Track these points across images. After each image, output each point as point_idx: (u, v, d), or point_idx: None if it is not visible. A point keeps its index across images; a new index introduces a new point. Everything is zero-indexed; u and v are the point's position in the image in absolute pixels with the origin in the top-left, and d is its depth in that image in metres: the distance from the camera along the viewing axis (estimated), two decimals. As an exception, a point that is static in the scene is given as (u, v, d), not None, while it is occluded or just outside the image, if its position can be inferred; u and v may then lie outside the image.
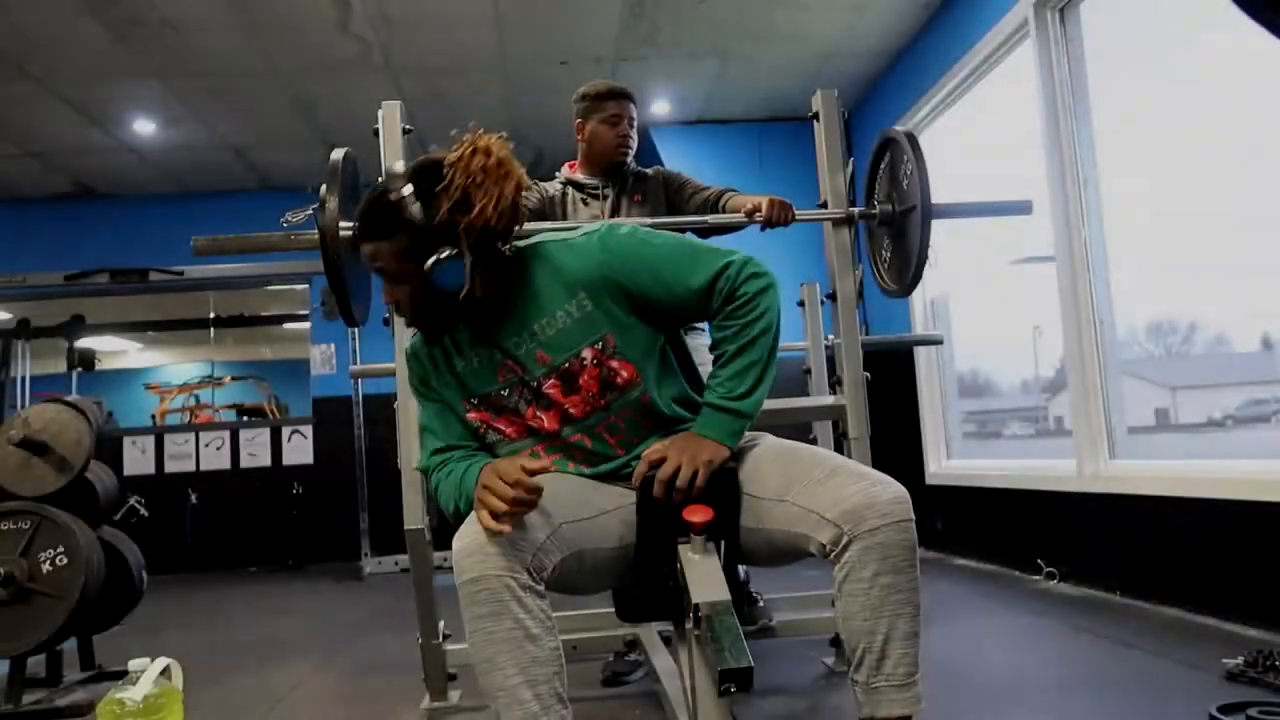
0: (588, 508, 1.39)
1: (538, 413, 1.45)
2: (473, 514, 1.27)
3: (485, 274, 1.40)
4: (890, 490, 1.28)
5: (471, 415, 1.48)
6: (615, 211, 2.49)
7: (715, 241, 1.68)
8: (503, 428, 1.47)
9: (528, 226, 2.22)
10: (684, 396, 1.49)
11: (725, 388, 1.40)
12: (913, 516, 1.27)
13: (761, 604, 2.60)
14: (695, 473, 1.33)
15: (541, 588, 1.25)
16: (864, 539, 1.25)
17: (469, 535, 1.24)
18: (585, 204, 2.52)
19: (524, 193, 1.55)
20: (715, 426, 1.39)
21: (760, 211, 2.20)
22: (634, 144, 2.56)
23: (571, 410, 1.43)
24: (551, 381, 1.42)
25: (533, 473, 1.24)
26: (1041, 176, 3.38)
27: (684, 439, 1.39)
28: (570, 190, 2.55)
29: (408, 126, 2.18)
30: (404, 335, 2.11)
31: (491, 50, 4.42)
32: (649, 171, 2.60)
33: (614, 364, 1.42)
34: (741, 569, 2.47)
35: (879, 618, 1.25)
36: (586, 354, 1.41)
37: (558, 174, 2.60)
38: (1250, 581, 2.51)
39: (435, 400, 1.51)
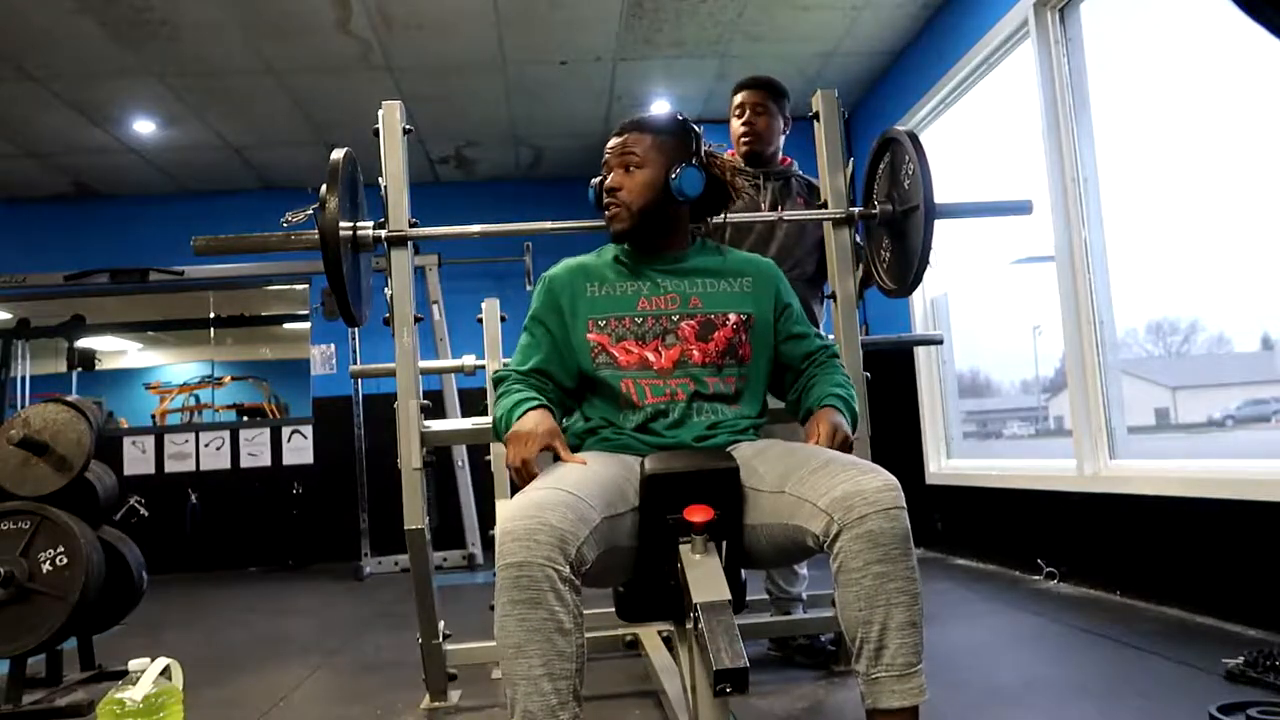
0: (623, 501, 1.41)
1: (660, 348, 1.61)
2: (523, 496, 1.31)
3: (690, 217, 1.73)
4: (878, 479, 1.29)
5: (591, 336, 1.62)
6: (776, 206, 2.58)
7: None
8: (617, 355, 1.61)
9: None
10: (758, 417, 1.67)
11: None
12: (902, 505, 1.28)
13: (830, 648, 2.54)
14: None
15: (579, 582, 1.25)
16: (853, 528, 1.26)
17: (518, 519, 1.24)
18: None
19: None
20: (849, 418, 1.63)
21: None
22: (764, 132, 2.60)
23: (694, 354, 1.61)
24: (691, 323, 1.62)
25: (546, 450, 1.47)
26: (1042, 176, 3.38)
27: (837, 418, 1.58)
28: None
29: (408, 126, 2.18)
30: (404, 335, 2.11)
31: (491, 50, 4.42)
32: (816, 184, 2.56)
33: (745, 338, 1.64)
34: (823, 637, 2.48)
35: (874, 608, 1.25)
36: (732, 317, 1.65)
37: None
38: (1250, 581, 2.51)
39: (540, 331, 1.68)
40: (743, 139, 2.60)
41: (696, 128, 1.70)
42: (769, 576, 2.64)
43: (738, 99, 2.64)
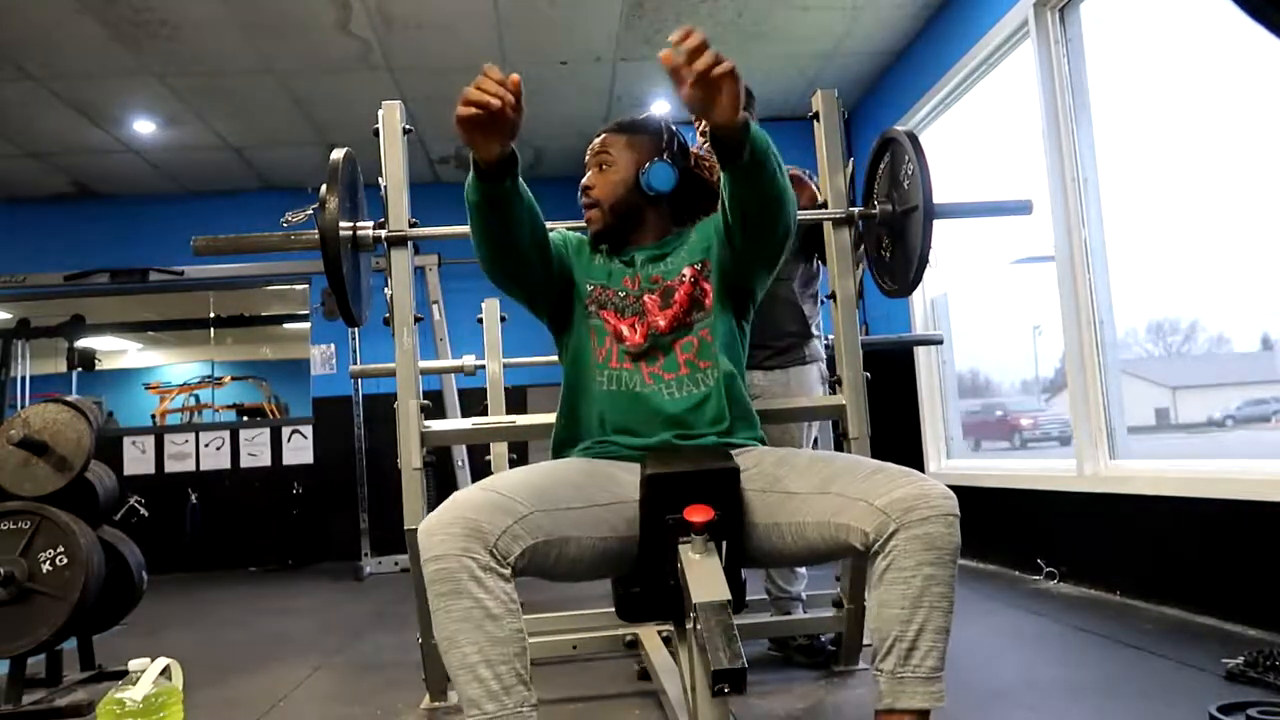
0: (579, 497, 1.42)
1: (636, 324, 1.64)
2: (446, 500, 1.31)
3: (668, 211, 1.75)
4: (940, 487, 1.32)
5: (590, 287, 1.70)
6: None
7: None
8: (608, 318, 1.67)
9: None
10: (737, 379, 1.65)
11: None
12: (959, 514, 1.30)
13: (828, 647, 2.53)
14: (723, 69, 1.30)
15: (506, 571, 1.27)
16: (913, 528, 1.27)
17: (434, 517, 1.28)
18: None
19: None
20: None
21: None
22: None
23: (659, 323, 1.63)
24: (653, 296, 1.66)
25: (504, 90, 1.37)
26: (1042, 176, 3.38)
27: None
28: None
29: (408, 126, 2.18)
30: (404, 335, 2.11)
31: (491, 50, 4.42)
32: None
33: (705, 285, 1.66)
34: (823, 636, 2.47)
35: (917, 608, 1.27)
36: (686, 272, 1.66)
37: None
38: (1250, 581, 2.51)
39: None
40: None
41: (672, 127, 1.76)
42: (768, 576, 2.64)
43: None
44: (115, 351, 9.45)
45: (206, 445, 6.13)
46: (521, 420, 2.25)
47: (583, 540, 1.40)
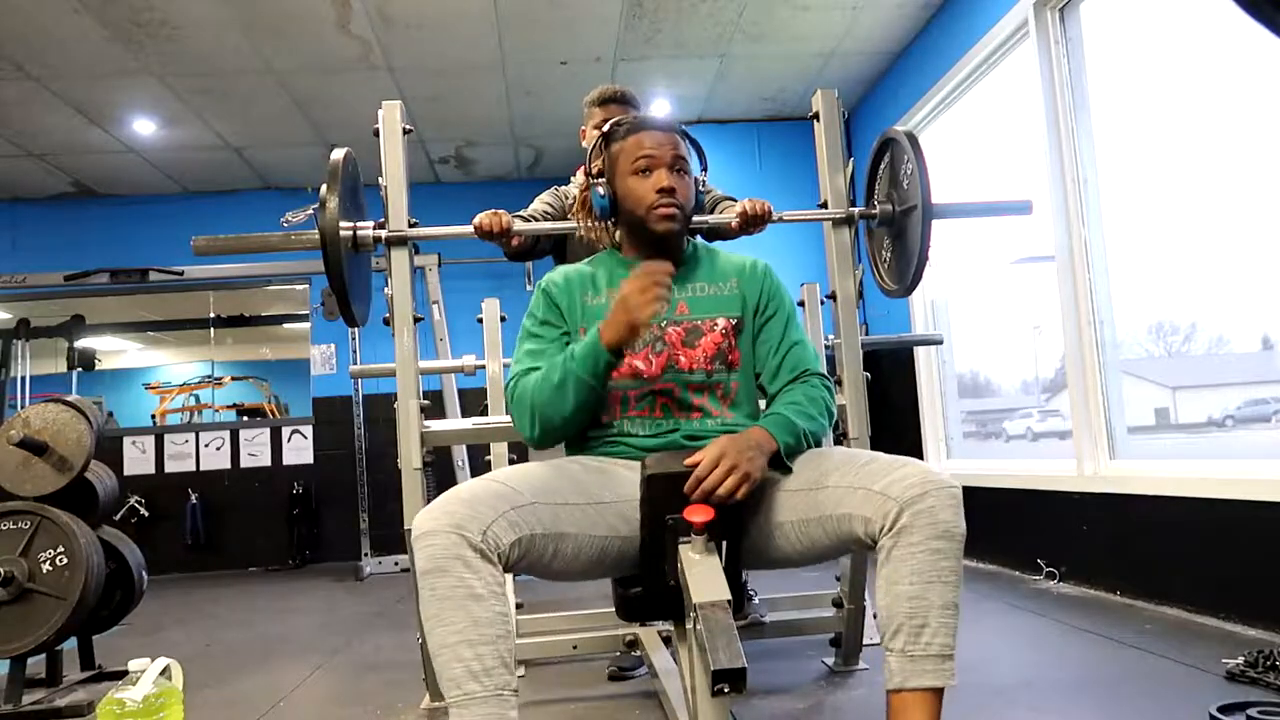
0: (580, 493, 1.42)
1: (650, 355, 1.58)
2: (443, 494, 1.31)
3: None
4: (944, 474, 1.33)
5: None
6: None
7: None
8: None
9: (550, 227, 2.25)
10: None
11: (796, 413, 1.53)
12: (961, 499, 1.30)
13: (756, 600, 2.60)
14: (732, 481, 1.36)
15: (494, 558, 1.26)
16: (917, 504, 1.28)
17: (431, 504, 1.29)
18: None
19: (545, 198, 2.16)
20: (779, 431, 1.47)
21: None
22: None
23: (680, 359, 1.58)
24: (678, 329, 1.60)
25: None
26: (1042, 176, 3.38)
27: (742, 442, 1.41)
28: None
29: (408, 126, 2.18)
30: (404, 335, 2.11)
31: (491, 50, 4.42)
32: None
33: (734, 343, 1.62)
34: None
35: (926, 583, 1.27)
36: (720, 323, 1.62)
37: (573, 178, 2.61)
38: (1250, 581, 2.51)
39: (553, 332, 1.64)
40: None
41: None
42: None
43: (614, 111, 2.58)
44: (115, 351, 9.44)
45: (206, 445, 6.14)
46: (521, 420, 2.24)
47: (580, 537, 1.40)
